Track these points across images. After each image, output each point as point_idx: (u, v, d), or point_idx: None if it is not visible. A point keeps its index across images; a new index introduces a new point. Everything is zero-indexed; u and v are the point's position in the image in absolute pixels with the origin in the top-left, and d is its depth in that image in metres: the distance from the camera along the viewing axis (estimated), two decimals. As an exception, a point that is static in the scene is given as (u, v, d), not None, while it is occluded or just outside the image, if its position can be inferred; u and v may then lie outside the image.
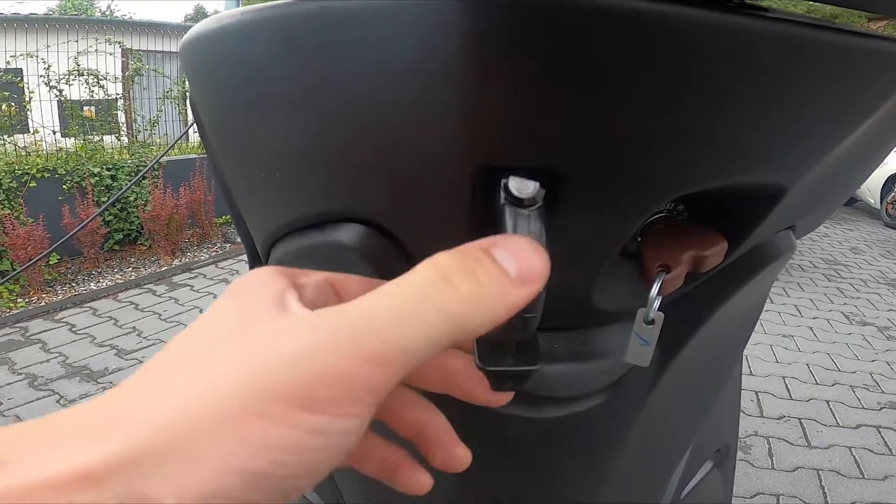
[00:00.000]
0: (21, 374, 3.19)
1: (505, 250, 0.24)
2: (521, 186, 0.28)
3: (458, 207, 0.34)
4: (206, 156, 5.78)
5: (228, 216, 5.92)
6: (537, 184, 0.28)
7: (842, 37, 0.30)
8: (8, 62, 5.54)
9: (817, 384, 3.23)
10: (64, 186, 4.92)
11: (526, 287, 0.24)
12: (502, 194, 0.29)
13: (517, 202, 0.28)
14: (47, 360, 3.36)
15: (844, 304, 4.47)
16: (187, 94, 6.69)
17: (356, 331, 0.21)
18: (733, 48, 0.28)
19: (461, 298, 0.22)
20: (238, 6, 0.40)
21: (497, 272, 0.23)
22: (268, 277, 0.25)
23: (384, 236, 0.41)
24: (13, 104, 5.30)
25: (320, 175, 0.41)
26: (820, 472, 2.47)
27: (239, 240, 5.56)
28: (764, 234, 0.48)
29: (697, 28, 0.27)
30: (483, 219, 0.33)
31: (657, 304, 0.41)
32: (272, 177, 0.44)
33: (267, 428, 0.20)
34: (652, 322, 0.41)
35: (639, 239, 0.43)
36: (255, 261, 0.63)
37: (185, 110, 7.03)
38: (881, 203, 7.17)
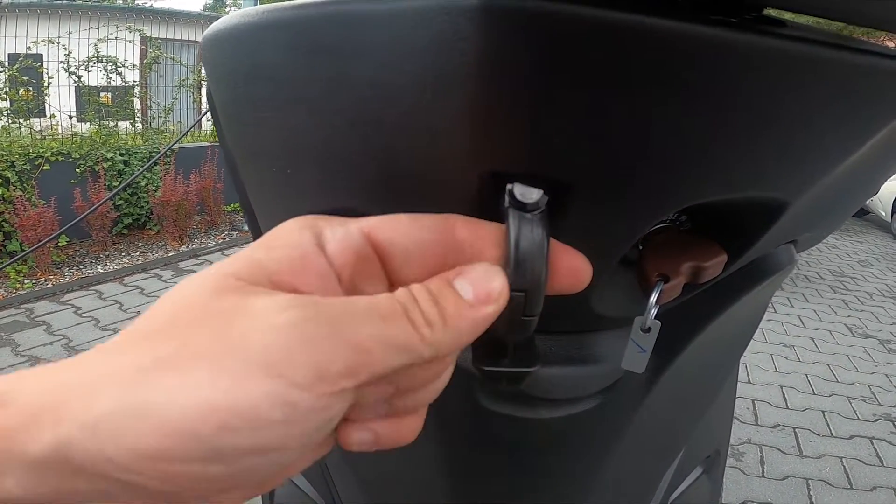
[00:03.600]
0: (24, 356, 3.23)
1: (464, 278, 0.27)
2: (526, 192, 0.29)
3: (462, 209, 0.33)
4: (218, 144, 5.82)
5: (237, 204, 5.97)
6: (541, 191, 0.29)
7: (851, 55, 0.30)
8: (29, 48, 5.60)
9: (814, 394, 3.23)
10: (77, 170, 4.98)
11: (481, 307, 0.26)
12: (507, 198, 0.29)
13: (521, 206, 0.28)
14: (50, 343, 3.40)
15: (848, 316, 4.44)
16: (203, 83, 6.77)
17: (339, 315, 0.23)
18: (742, 66, 0.28)
19: (423, 314, 0.25)
20: (257, 3, 0.41)
21: (453, 297, 0.26)
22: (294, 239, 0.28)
23: None
24: (31, 89, 5.37)
25: (329, 174, 0.41)
26: (809, 481, 2.47)
27: (246, 228, 5.61)
28: (764, 248, 0.48)
29: (706, 45, 0.27)
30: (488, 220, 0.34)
31: (654, 312, 0.41)
32: (283, 172, 0.45)
33: (226, 387, 0.21)
34: (649, 330, 0.42)
35: (639, 247, 0.43)
36: None
37: (200, 99, 7.08)
38: (892, 216, 7.11)
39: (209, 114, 0.62)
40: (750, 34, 0.27)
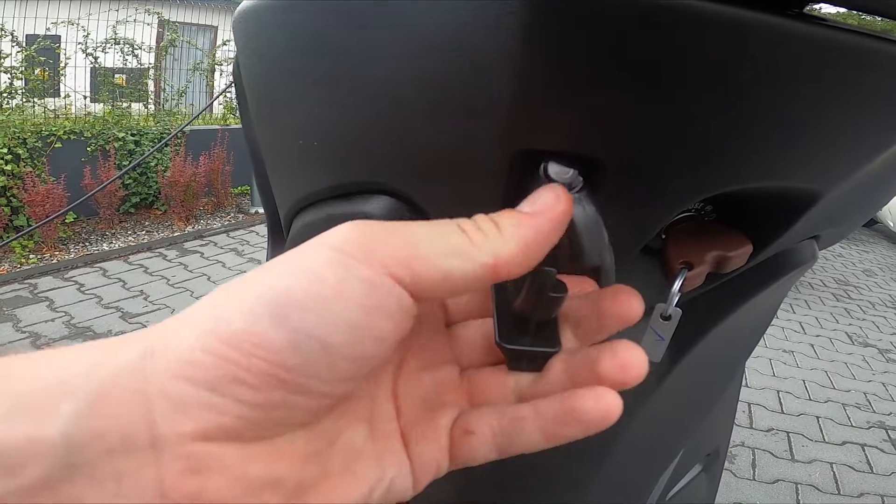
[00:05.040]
0: (25, 331, 3.25)
1: (526, 200, 0.27)
2: (561, 171, 0.29)
3: (493, 186, 0.34)
4: (228, 128, 5.85)
5: (244, 187, 6.00)
6: (575, 171, 0.29)
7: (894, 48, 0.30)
8: (48, 29, 5.64)
9: (810, 400, 3.22)
10: (88, 149, 5.01)
11: (539, 217, 0.26)
12: (541, 177, 0.29)
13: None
14: (52, 319, 3.42)
15: (849, 324, 4.42)
16: (217, 67, 6.79)
17: (394, 223, 0.25)
18: (786, 54, 0.28)
19: (477, 225, 0.26)
20: None
21: (510, 211, 0.27)
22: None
23: (413, 211, 0.41)
24: (47, 69, 5.41)
25: (358, 147, 0.41)
26: (798, 485, 2.48)
27: (252, 211, 5.62)
28: (789, 241, 0.47)
29: (751, 31, 0.26)
30: (517, 199, 0.34)
31: (676, 300, 0.41)
32: (309, 145, 0.45)
33: (286, 264, 0.24)
34: (669, 318, 0.41)
35: (663, 236, 0.43)
36: (275, 230, 0.65)
37: (213, 83, 7.10)
38: (901, 227, 7.04)
39: (233, 92, 0.62)
40: (797, 22, 0.27)
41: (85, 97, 5.66)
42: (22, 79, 5.23)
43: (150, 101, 6.27)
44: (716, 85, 0.28)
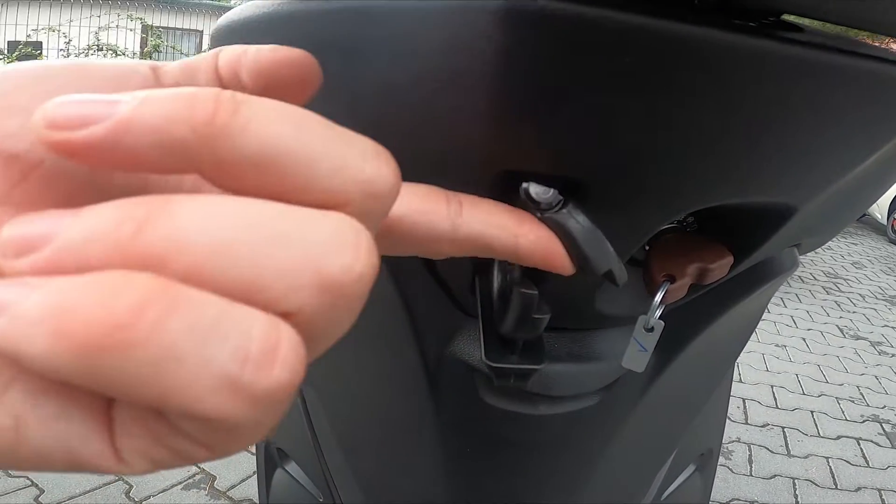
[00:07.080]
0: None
1: None
2: (541, 191, 0.29)
3: None
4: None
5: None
6: (556, 191, 0.29)
7: (870, 63, 0.30)
8: (29, 35, 5.61)
9: (804, 394, 3.25)
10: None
11: None
12: (522, 197, 0.29)
13: (535, 205, 0.29)
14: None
15: (840, 317, 4.46)
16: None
17: None
18: (761, 73, 0.28)
19: None
20: None
21: None
22: None
23: None
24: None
25: None
26: (796, 480, 2.50)
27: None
28: (769, 251, 0.48)
29: (725, 51, 0.27)
30: None
31: (659, 312, 0.41)
32: None
33: None
34: (652, 329, 0.42)
35: (646, 248, 0.44)
36: None
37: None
38: (888, 219, 7.13)
39: None
40: (768, 40, 0.27)
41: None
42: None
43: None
44: (687, 104, 0.29)
